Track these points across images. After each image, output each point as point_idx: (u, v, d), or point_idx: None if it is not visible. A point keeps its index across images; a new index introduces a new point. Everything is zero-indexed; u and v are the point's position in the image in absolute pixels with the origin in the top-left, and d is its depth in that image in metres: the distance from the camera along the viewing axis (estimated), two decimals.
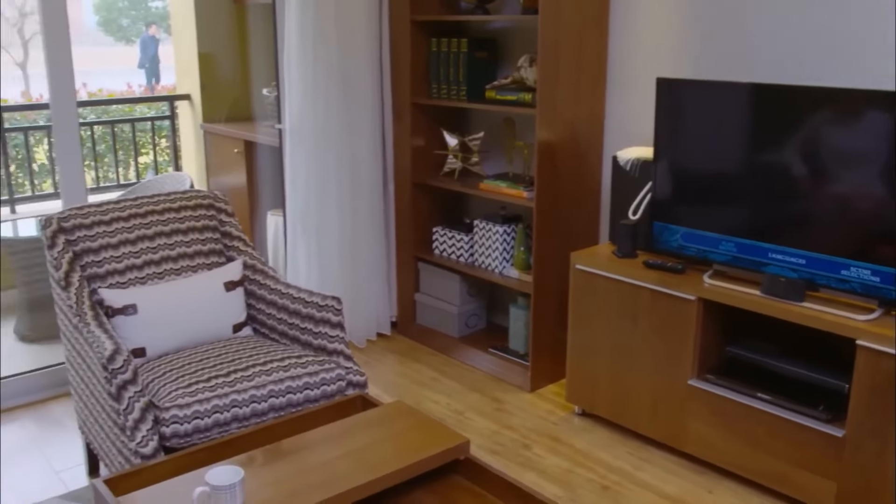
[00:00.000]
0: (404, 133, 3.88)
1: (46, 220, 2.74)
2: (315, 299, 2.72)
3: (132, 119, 6.32)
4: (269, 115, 4.79)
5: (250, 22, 5.38)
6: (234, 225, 3.05)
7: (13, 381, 3.48)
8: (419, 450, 2.16)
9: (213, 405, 2.37)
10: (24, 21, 15.67)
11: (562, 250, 3.45)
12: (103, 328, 2.47)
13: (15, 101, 7.72)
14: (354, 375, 2.65)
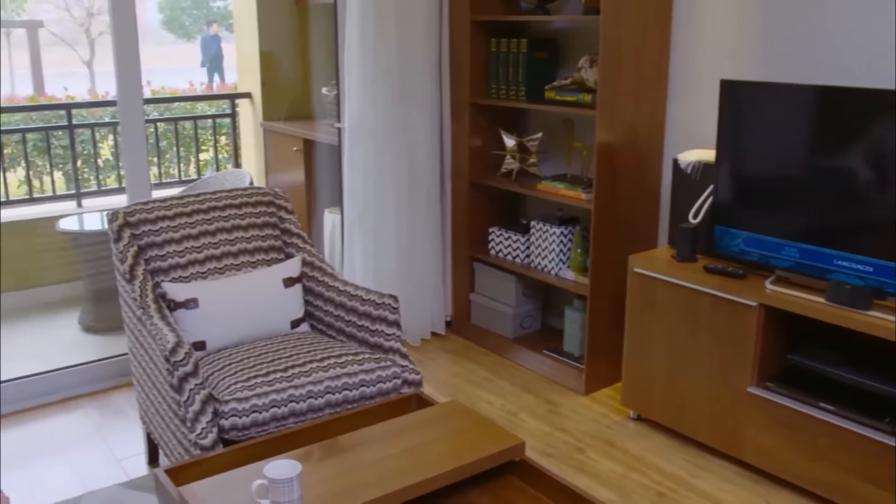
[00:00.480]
0: (462, 133, 3.89)
1: (113, 215, 2.80)
2: (372, 297, 2.73)
3: (194, 116, 6.43)
4: (328, 113, 4.84)
5: (312, 21, 5.44)
6: (294, 222, 3.09)
7: (77, 371, 3.57)
8: (474, 450, 2.16)
9: (270, 399, 2.40)
10: (92, 21, 16.08)
11: (619, 253, 3.42)
12: (166, 321, 2.52)
13: (82, 98, 7.91)
14: (410, 374, 2.66)
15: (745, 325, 2.78)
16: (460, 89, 3.86)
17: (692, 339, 2.96)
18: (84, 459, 3.06)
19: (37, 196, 5.48)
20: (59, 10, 14.60)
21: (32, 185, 5.48)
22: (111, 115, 6.07)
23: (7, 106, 6.26)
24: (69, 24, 15.21)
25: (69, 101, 6.59)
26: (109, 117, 6.07)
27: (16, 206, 5.36)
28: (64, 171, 5.62)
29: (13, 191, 5.44)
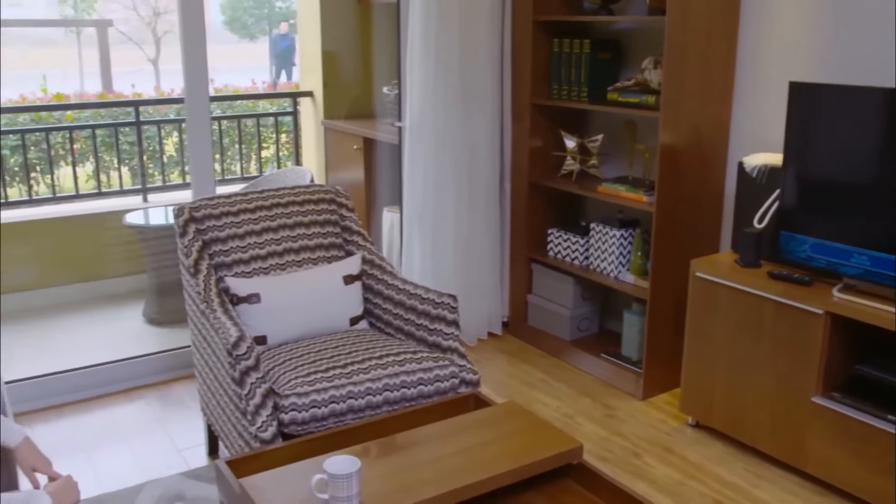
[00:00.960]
0: (523, 133, 3.88)
1: (179, 210, 2.86)
2: (431, 296, 2.74)
3: (256, 114, 6.53)
4: (388, 112, 4.87)
5: (374, 21, 5.48)
6: (354, 220, 3.11)
7: (141, 362, 3.66)
8: (532, 452, 2.15)
9: (330, 395, 2.43)
10: (158, 20, 16.44)
11: (681, 257, 3.37)
12: (228, 315, 2.56)
13: (148, 95, 8.09)
14: (468, 374, 2.66)
15: (811, 333, 2.71)
16: (522, 90, 3.84)
17: (755, 346, 2.90)
18: (146, 448, 3.12)
19: (105, 190, 5.62)
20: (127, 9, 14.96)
21: (100, 180, 5.62)
22: (175, 112, 6.20)
23: (78, 102, 6.44)
24: (136, 23, 15.57)
25: (137, 99, 6.76)
26: (174, 114, 6.20)
27: (85, 199, 5.51)
28: (130, 167, 5.75)
29: (81, 185, 5.59)
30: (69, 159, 5.59)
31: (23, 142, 5.32)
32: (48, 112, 5.83)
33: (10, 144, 5.40)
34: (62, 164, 5.65)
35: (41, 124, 5.67)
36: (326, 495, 1.90)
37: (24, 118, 5.73)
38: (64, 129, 5.62)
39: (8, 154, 5.40)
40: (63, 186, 5.62)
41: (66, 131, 5.61)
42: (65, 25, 12.32)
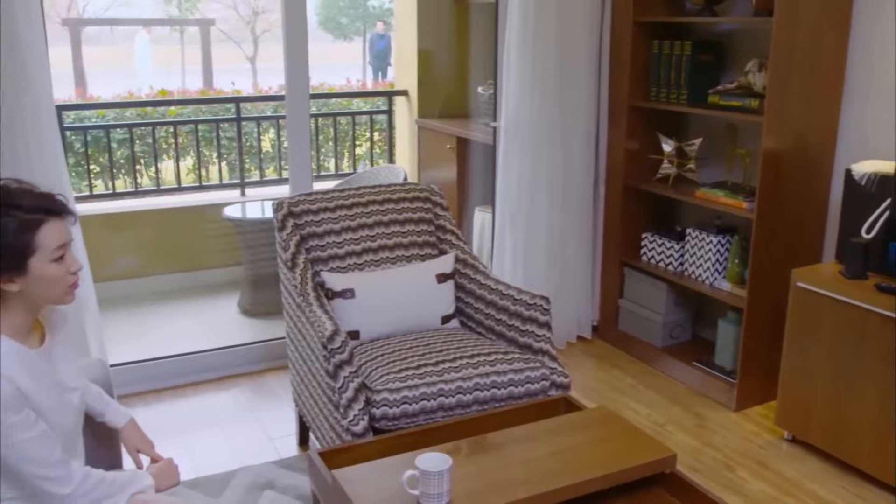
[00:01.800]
0: (619, 135, 3.82)
1: (278, 204, 2.92)
2: (524, 297, 2.73)
3: (351, 112, 6.63)
4: (482, 112, 4.87)
5: (470, 20, 5.50)
6: (448, 219, 3.13)
7: (235, 351, 3.76)
8: (624, 458, 2.12)
9: (421, 392, 2.44)
10: (257, 19, 16.87)
11: (780, 266, 3.27)
12: (324, 309, 2.60)
13: (247, 92, 8.31)
14: (559, 376, 2.64)
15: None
16: (619, 91, 3.79)
17: (858, 361, 2.79)
18: (238, 435, 3.21)
19: (205, 184, 5.80)
20: (228, 8, 15.40)
21: (200, 174, 5.80)
22: (272, 109, 6.35)
23: (185, 98, 6.66)
24: (235, 22, 16.01)
25: (239, 95, 6.95)
26: (271, 111, 6.35)
27: (186, 192, 5.70)
28: (228, 161, 5.92)
29: (182, 178, 5.78)
30: (171, 153, 5.79)
31: (130, 135, 5.53)
32: (153, 107, 6.05)
33: (117, 138, 5.63)
34: (164, 157, 5.85)
35: (146, 119, 5.90)
36: (417, 491, 1.92)
37: (130, 113, 5.97)
38: (168, 123, 5.83)
39: (115, 147, 5.63)
40: (165, 179, 5.82)
41: (169, 126, 5.81)
42: (170, 24, 12.78)
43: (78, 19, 10.97)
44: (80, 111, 5.87)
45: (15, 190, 1.65)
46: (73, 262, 1.71)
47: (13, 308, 1.66)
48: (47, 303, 1.72)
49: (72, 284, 1.71)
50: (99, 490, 1.74)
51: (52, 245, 1.64)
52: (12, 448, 1.60)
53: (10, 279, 1.62)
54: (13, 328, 1.67)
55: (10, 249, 1.60)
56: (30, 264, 1.62)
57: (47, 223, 1.64)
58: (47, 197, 1.67)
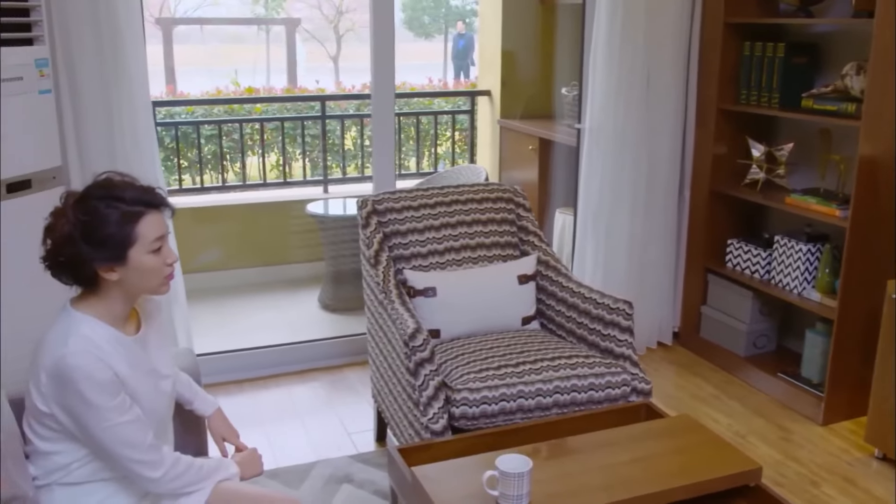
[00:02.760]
0: (707, 139, 3.75)
1: (362, 202, 2.96)
2: (606, 301, 2.70)
3: (433, 112, 6.66)
4: (566, 114, 4.84)
5: (556, 21, 5.47)
6: (531, 220, 3.11)
7: (315, 346, 3.82)
8: (707, 469, 2.08)
9: (500, 393, 2.44)
10: (340, 19, 17.10)
11: (875, 276, 3.15)
12: (406, 307, 2.62)
13: (330, 91, 8.43)
14: (640, 383, 2.60)
15: None
16: (708, 93, 3.72)
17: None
18: (317, 428, 3.26)
19: (289, 180, 5.91)
20: (312, 8, 15.64)
21: (284, 170, 5.92)
22: (354, 108, 6.43)
23: (276, 96, 6.80)
24: (319, 21, 16.26)
25: (325, 94, 7.06)
26: (353, 109, 6.43)
27: (271, 188, 5.82)
28: (310, 158, 6.01)
29: (266, 174, 5.90)
30: (256, 149, 5.92)
31: (219, 131, 5.68)
32: (240, 105, 6.20)
33: (204, 134, 5.78)
34: (250, 153, 5.98)
35: (233, 116, 6.04)
36: (497, 492, 1.92)
37: (218, 110, 6.12)
38: (255, 120, 5.96)
39: (203, 142, 5.78)
40: (250, 175, 5.95)
41: (255, 123, 5.94)
42: (257, 24, 13.06)
43: (170, 18, 11.31)
44: (170, 107, 6.05)
45: (118, 182, 1.72)
46: (170, 253, 1.76)
47: (112, 296, 1.72)
48: (144, 293, 1.78)
49: (167, 276, 1.76)
50: (187, 475, 1.79)
51: (150, 236, 1.70)
52: (108, 430, 1.65)
53: (110, 268, 1.68)
54: (111, 316, 1.73)
55: (111, 239, 1.66)
56: (129, 254, 1.68)
57: (147, 215, 1.70)
58: (148, 190, 1.73)
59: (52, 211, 1.70)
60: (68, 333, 1.66)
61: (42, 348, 1.67)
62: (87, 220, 1.65)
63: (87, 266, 1.66)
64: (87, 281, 1.70)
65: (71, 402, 1.63)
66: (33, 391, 1.68)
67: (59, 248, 1.66)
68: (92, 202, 1.67)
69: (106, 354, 1.67)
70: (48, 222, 1.69)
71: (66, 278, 1.71)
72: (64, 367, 1.61)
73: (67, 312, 1.71)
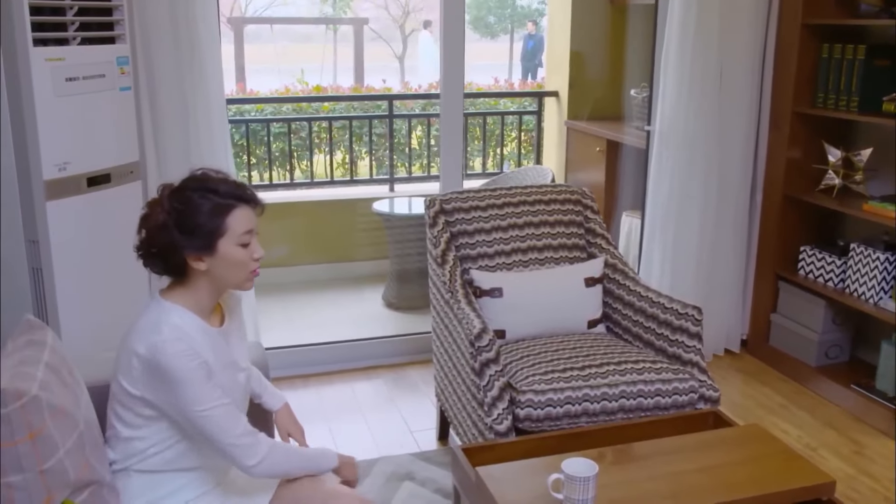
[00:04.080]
0: (781, 143, 3.66)
1: (430, 201, 2.97)
2: (675, 306, 2.66)
3: (500, 112, 6.65)
4: (635, 116, 4.78)
5: (626, 22, 5.41)
6: (599, 222, 3.09)
7: (379, 343, 3.85)
8: (778, 480, 2.03)
9: (566, 396, 2.42)
10: (406, 18, 17.19)
11: None
12: (472, 307, 2.62)
13: (396, 90, 8.47)
14: (708, 390, 2.56)
15: None
16: (783, 96, 3.63)
17: None
18: (380, 425, 3.28)
19: (356, 178, 5.96)
20: (379, 7, 15.76)
21: (351, 168, 5.97)
22: (420, 108, 6.46)
23: (345, 95, 6.86)
24: (385, 21, 16.37)
25: (393, 93, 7.10)
26: (419, 109, 6.46)
27: (337, 186, 5.88)
28: (376, 157, 6.06)
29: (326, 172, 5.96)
30: (323, 147, 5.99)
31: (288, 129, 5.76)
32: (308, 103, 6.28)
33: (273, 131, 5.87)
34: (317, 151, 6.06)
35: (301, 114, 6.12)
36: (562, 495, 1.90)
37: (286, 108, 6.21)
38: (324, 119, 6.03)
39: (272, 140, 5.87)
40: (317, 172, 6.02)
41: (322, 121, 6.01)
42: (325, 23, 13.21)
43: (241, 18, 11.52)
44: (240, 105, 6.16)
45: (213, 177, 1.77)
46: (257, 249, 1.80)
47: (200, 287, 1.77)
48: (229, 286, 1.82)
49: (253, 271, 1.80)
50: (289, 462, 1.83)
51: (240, 229, 1.74)
52: (203, 416, 1.69)
53: (199, 257, 1.72)
54: (199, 307, 1.78)
55: (202, 228, 1.71)
56: (218, 245, 1.72)
57: (237, 209, 1.75)
58: (240, 186, 1.78)
59: (149, 201, 1.76)
60: (160, 321, 1.70)
61: (133, 335, 1.72)
62: (181, 209, 1.70)
63: (177, 254, 1.71)
64: (176, 269, 1.75)
65: (167, 388, 1.67)
66: (122, 376, 1.72)
67: (154, 236, 1.72)
68: (187, 193, 1.72)
69: (196, 343, 1.71)
70: (144, 212, 1.75)
71: (158, 267, 1.76)
72: (159, 353, 1.66)
73: (157, 302, 1.76)
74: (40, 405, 1.49)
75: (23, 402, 1.46)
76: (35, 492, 1.49)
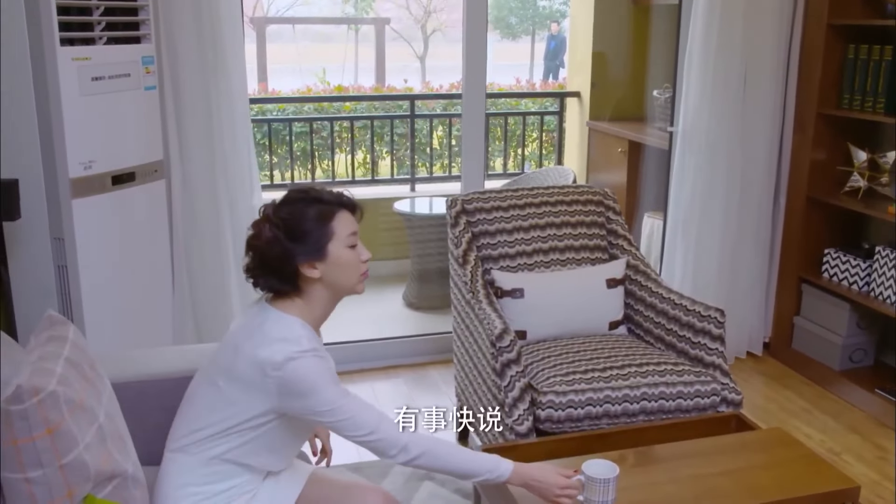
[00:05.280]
0: (805, 144, 3.63)
1: (452, 201, 2.97)
2: (697, 308, 2.65)
3: (522, 112, 6.64)
4: (657, 116, 4.76)
5: (651, 22, 5.38)
6: (621, 223, 3.08)
7: (400, 342, 3.86)
8: (802, 485, 2.02)
9: (587, 397, 2.42)
10: (428, 18, 17.19)
11: None
12: (493, 307, 2.62)
13: (417, 90, 8.47)
14: (730, 393, 2.54)
15: None
16: (808, 97, 3.60)
17: None
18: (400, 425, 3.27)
19: (377, 178, 5.98)
20: (400, 7, 15.77)
21: (372, 168, 5.99)
22: (441, 108, 6.46)
23: (367, 95, 6.88)
24: (406, 21, 16.38)
25: (415, 93, 7.10)
26: (440, 109, 6.47)
27: (359, 185, 5.90)
28: (397, 157, 6.07)
29: (348, 172, 5.98)
30: (345, 147, 6.01)
31: (310, 128, 5.79)
32: (329, 103, 6.30)
33: (294, 131, 5.89)
34: (338, 150, 6.08)
35: (323, 114, 6.14)
36: (582, 497, 1.90)
37: (308, 107, 6.23)
38: (345, 118, 6.04)
39: (293, 139, 5.90)
40: (338, 172, 6.04)
41: (343, 121, 6.03)
42: (347, 23, 13.24)
43: (263, 18, 11.57)
44: (262, 104, 6.19)
45: (313, 187, 1.80)
46: (364, 251, 1.82)
47: (315, 297, 1.78)
48: (344, 290, 1.82)
49: (363, 273, 1.82)
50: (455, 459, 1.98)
51: (345, 232, 1.77)
52: (344, 421, 1.79)
53: (312, 264, 1.74)
54: (313, 318, 1.79)
55: (311, 235, 1.73)
56: (328, 248, 1.74)
57: (340, 212, 1.77)
58: (339, 194, 1.81)
59: (253, 223, 1.78)
60: (289, 335, 1.72)
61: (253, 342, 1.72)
62: (289, 219, 1.73)
63: (290, 264, 1.73)
64: (290, 280, 1.76)
65: (305, 403, 1.72)
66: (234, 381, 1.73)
67: (264, 252, 1.73)
68: (290, 205, 1.76)
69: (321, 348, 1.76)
70: (250, 234, 1.77)
71: (272, 283, 1.77)
72: (296, 368, 1.68)
73: (276, 315, 1.76)
74: (58, 400, 1.50)
75: (40, 398, 1.47)
76: (55, 487, 1.49)
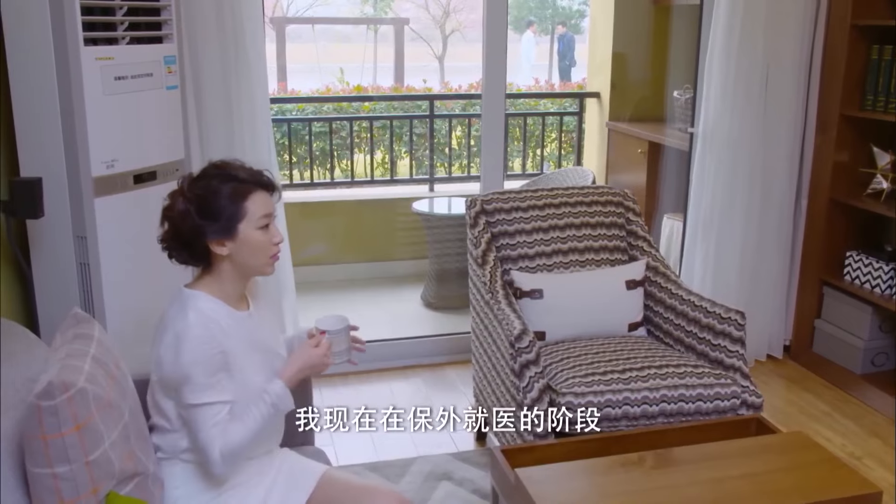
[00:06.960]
0: (827, 146, 3.60)
1: (471, 201, 2.97)
2: (717, 310, 2.63)
3: (541, 113, 6.63)
4: (677, 117, 4.74)
5: (672, 23, 5.35)
6: (641, 225, 3.06)
7: (418, 342, 3.86)
8: (823, 489, 2.00)
9: (606, 399, 2.41)
10: (447, 19, 17.18)
11: None
12: (512, 308, 2.62)
13: (436, 90, 8.47)
14: (751, 396, 2.53)
15: None
16: (830, 99, 3.57)
17: None
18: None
19: (396, 178, 5.98)
20: (419, 7, 15.78)
21: (391, 168, 5.99)
22: (460, 108, 6.45)
23: (387, 95, 6.88)
24: (425, 21, 16.38)
25: (432, 93, 7.10)
26: (459, 109, 6.46)
27: (378, 185, 5.91)
28: (416, 157, 6.07)
29: (366, 172, 5.98)
30: (364, 147, 6.01)
31: (330, 128, 5.80)
32: (349, 103, 6.31)
33: (314, 131, 5.90)
34: (357, 150, 6.09)
35: (342, 114, 6.15)
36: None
37: (327, 107, 6.24)
38: (364, 118, 6.05)
39: (312, 139, 5.91)
40: (357, 172, 6.05)
41: (362, 121, 6.03)
42: (367, 23, 13.26)
43: (283, 18, 11.61)
44: (282, 104, 6.20)
45: (232, 164, 1.82)
46: (277, 233, 1.83)
47: (223, 273, 1.81)
48: (252, 271, 1.84)
49: (273, 255, 1.83)
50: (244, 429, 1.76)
51: (258, 213, 1.78)
52: (194, 408, 1.71)
53: (221, 242, 1.76)
54: (224, 293, 1.81)
55: (223, 212, 1.75)
56: (239, 228, 1.76)
57: (256, 192, 1.79)
58: (257, 172, 1.83)
59: (170, 192, 1.80)
60: (187, 308, 1.74)
61: (162, 325, 1.76)
62: (202, 195, 1.75)
63: (200, 240, 1.75)
64: (200, 256, 1.79)
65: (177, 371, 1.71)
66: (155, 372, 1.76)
67: (177, 225, 1.76)
68: (206, 179, 1.77)
69: (221, 330, 1.75)
70: (166, 203, 1.79)
71: (182, 256, 1.80)
72: (182, 338, 1.70)
73: (182, 292, 1.80)
74: (87, 397, 1.52)
75: (70, 395, 1.48)
76: (81, 482, 1.51)
